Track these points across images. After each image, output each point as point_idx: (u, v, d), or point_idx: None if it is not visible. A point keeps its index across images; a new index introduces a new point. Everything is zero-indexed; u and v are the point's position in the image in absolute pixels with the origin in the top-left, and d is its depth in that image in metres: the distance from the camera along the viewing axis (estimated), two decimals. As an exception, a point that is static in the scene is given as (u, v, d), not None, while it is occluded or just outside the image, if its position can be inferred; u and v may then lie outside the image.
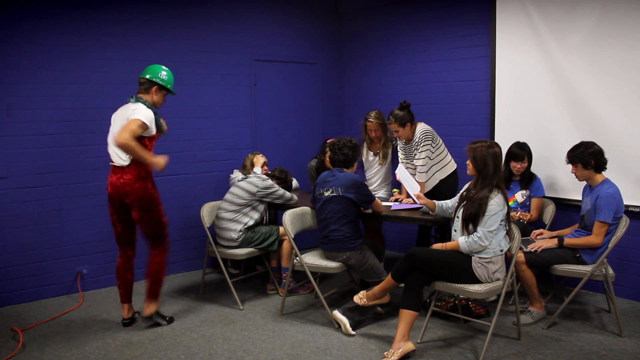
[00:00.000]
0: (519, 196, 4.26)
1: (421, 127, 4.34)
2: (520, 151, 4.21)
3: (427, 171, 4.36)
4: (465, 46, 5.07)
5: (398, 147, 4.59)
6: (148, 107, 3.70)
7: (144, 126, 3.60)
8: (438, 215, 3.82)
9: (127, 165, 3.68)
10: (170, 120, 5.00)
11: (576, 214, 4.07)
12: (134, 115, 3.58)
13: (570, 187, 4.32)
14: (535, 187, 4.27)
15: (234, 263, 5.09)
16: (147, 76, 3.78)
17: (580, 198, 3.98)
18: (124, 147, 3.52)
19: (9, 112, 4.22)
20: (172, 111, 5.00)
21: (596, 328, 3.72)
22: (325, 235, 3.90)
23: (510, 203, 4.20)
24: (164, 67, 3.85)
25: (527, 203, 4.27)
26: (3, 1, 4.13)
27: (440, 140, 4.43)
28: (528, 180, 4.29)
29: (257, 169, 4.61)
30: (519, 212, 4.17)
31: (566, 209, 4.42)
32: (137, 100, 3.72)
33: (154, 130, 3.74)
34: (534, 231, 4.01)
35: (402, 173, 4.11)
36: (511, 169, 4.25)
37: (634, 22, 4.00)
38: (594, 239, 3.61)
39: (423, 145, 4.29)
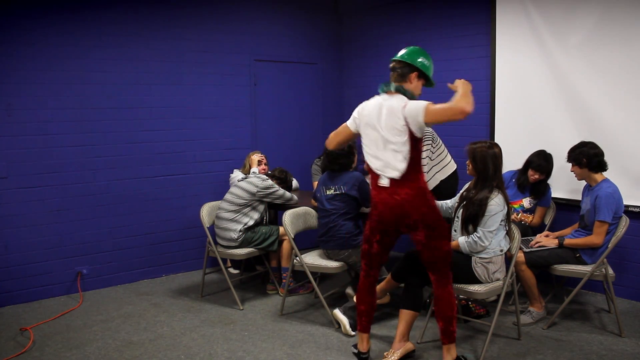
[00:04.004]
0: (526, 202, 4.24)
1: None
2: (545, 163, 4.10)
3: (427, 171, 4.36)
4: (465, 46, 5.07)
5: None
6: (414, 99, 2.87)
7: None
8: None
9: (403, 177, 2.86)
10: (170, 120, 5.02)
11: (576, 214, 4.07)
12: (414, 110, 2.75)
13: (570, 187, 4.32)
14: (546, 198, 4.24)
15: (234, 263, 5.10)
16: (405, 58, 2.99)
17: (579, 198, 3.99)
18: (465, 114, 2.63)
19: (9, 112, 4.22)
20: (172, 111, 5.01)
21: (596, 328, 3.72)
22: (326, 233, 3.90)
23: (515, 206, 4.21)
24: (423, 50, 3.07)
25: (533, 209, 4.25)
26: (3, 1, 4.13)
27: (440, 140, 4.43)
28: (542, 192, 4.21)
29: (254, 169, 4.62)
30: (520, 214, 4.17)
31: (566, 209, 4.42)
32: (398, 89, 2.90)
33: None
34: (538, 235, 3.97)
35: None
36: (528, 175, 4.17)
37: (634, 22, 4.00)
38: (594, 238, 3.61)
39: (423, 146, 4.28)
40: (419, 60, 2.96)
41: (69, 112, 4.48)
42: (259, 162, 4.82)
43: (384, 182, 2.87)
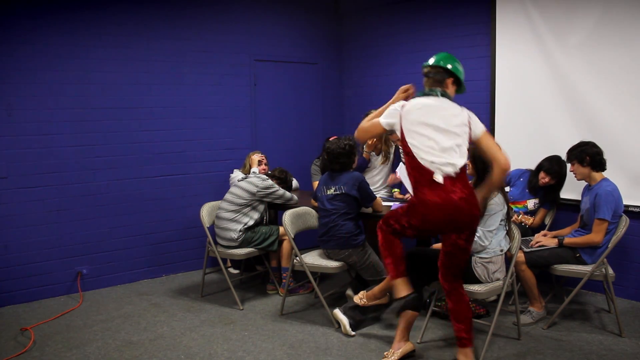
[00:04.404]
0: (531, 203, 4.22)
1: None
2: (557, 167, 4.04)
3: None
4: (465, 46, 5.07)
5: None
6: None
7: None
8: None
9: (457, 175, 2.84)
10: (170, 120, 5.03)
11: (576, 214, 4.07)
12: (477, 123, 2.91)
13: (570, 187, 4.32)
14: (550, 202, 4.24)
15: (234, 263, 5.10)
16: (441, 63, 2.96)
17: (579, 198, 3.98)
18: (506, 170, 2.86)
19: (9, 112, 4.22)
20: (172, 111, 5.01)
21: (596, 328, 3.72)
22: (327, 232, 3.90)
23: (519, 206, 4.20)
24: (454, 57, 3.06)
25: (535, 211, 4.24)
26: (3, 1, 4.13)
27: None
28: (555, 201, 4.19)
29: (255, 169, 4.62)
30: (521, 215, 4.17)
31: (566, 209, 4.42)
32: (443, 94, 2.93)
33: None
34: (536, 235, 3.97)
35: (403, 172, 4.10)
36: (539, 177, 4.12)
37: (634, 22, 4.00)
38: (594, 236, 3.61)
39: None
40: (454, 65, 2.98)
41: (69, 112, 4.48)
42: (259, 162, 4.83)
43: (439, 178, 2.80)
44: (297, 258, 3.95)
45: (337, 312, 3.71)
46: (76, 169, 4.53)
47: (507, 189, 4.20)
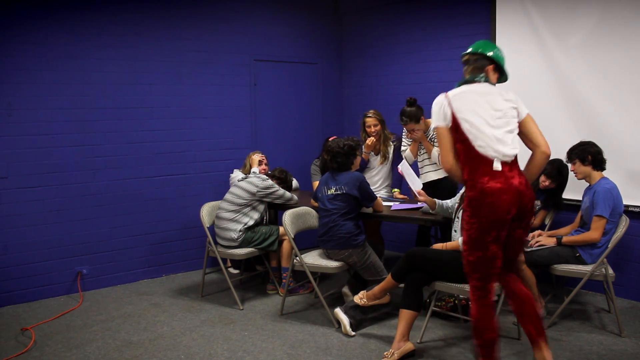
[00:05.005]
0: None
1: None
2: (556, 172, 4.00)
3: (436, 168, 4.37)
4: (465, 46, 5.01)
5: (403, 145, 4.57)
6: None
7: None
8: (438, 214, 3.83)
9: (513, 162, 2.75)
10: (170, 120, 5.03)
11: (575, 215, 4.07)
12: (523, 106, 2.84)
13: (570, 187, 4.31)
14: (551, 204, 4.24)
15: (234, 263, 5.10)
16: (481, 50, 2.90)
17: (579, 198, 3.98)
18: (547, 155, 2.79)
19: (9, 112, 4.22)
20: (172, 111, 5.01)
21: (596, 328, 3.72)
22: (327, 232, 3.90)
23: None
24: (493, 44, 3.03)
25: (535, 212, 4.24)
26: (3, 1, 4.13)
27: None
28: (557, 205, 4.19)
29: (255, 169, 4.62)
30: None
31: (567, 209, 4.42)
32: (486, 80, 2.85)
33: None
34: (531, 233, 3.97)
35: (405, 168, 4.09)
36: (539, 180, 4.08)
37: (634, 22, 4.00)
38: (592, 234, 3.61)
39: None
40: (495, 52, 2.88)
41: (69, 112, 4.48)
42: (260, 162, 4.82)
43: (498, 165, 2.69)
44: (297, 258, 3.95)
45: (338, 312, 3.70)
46: (76, 169, 4.53)
47: None
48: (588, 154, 3.68)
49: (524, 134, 2.81)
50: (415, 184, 3.96)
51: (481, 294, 2.73)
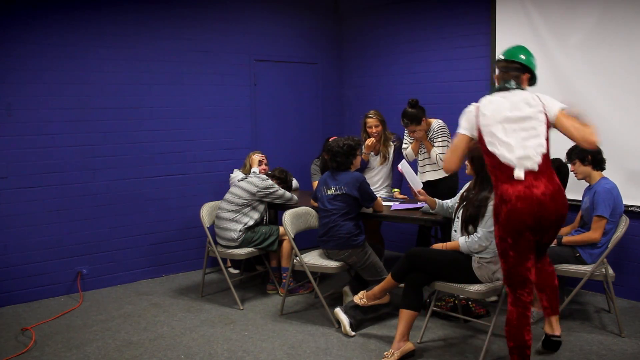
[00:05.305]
0: None
1: (438, 122, 4.37)
2: (555, 171, 3.98)
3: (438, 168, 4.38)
4: (465, 46, 5.07)
5: (404, 142, 4.57)
6: None
7: None
8: (438, 214, 3.83)
9: (539, 170, 2.71)
10: (170, 120, 5.03)
11: (575, 215, 4.07)
12: (552, 105, 2.78)
13: (570, 187, 4.31)
14: None
15: (234, 263, 5.10)
16: (522, 57, 2.90)
17: (578, 198, 3.98)
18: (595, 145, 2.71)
19: (9, 112, 4.22)
20: (172, 111, 5.01)
21: (596, 328, 3.72)
22: (327, 233, 3.90)
23: None
24: (527, 48, 3.01)
25: None
26: (3, 1, 4.13)
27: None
28: None
29: (255, 169, 4.62)
30: None
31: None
32: (517, 86, 2.86)
33: None
34: None
35: (405, 168, 4.08)
36: None
37: (634, 22, 4.00)
38: (592, 234, 3.62)
39: (441, 136, 4.30)
40: (529, 59, 2.91)
41: (69, 112, 4.48)
42: (260, 162, 4.82)
43: (520, 174, 2.69)
44: (297, 258, 3.95)
45: (338, 311, 3.70)
46: (76, 169, 4.53)
47: None
48: (588, 154, 3.69)
49: (562, 133, 2.79)
50: (416, 183, 3.95)
51: (512, 299, 2.83)
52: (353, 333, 3.63)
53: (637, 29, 3.99)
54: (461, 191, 3.54)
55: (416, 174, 4.27)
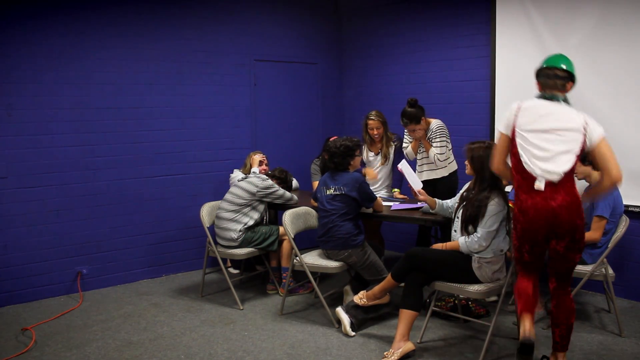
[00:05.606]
0: None
1: (437, 122, 4.37)
2: None
3: (445, 160, 4.37)
4: (465, 46, 5.07)
5: (404, 142, 4.57)
6: None
7: None
8: (438, 214, 3.83)
9: (560, 182, 2.75)
10: (170, 120, 5.03)
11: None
12: (595, 130, 2.77)
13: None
14: None
15: (234, 263, 5.10)
16: (564, 66, 2.88)
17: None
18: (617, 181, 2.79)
19: (9, 112, 4.22)
20: (172, 111, 5.01)
21: (596, 328, 3.72)
22: (326, 233, 3.90)
23: None
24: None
25: None
26: (3, 1, 4.13)
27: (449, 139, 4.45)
28: None
29: (255, 169, 4.62)
30: None
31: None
32: (565, 100, 2.86)
33: None
34: None
35: (405, 167, 4.09)
36: None
37: (634, 23, 4.00)
38: (592, 234, 3.62)
39: (440, 136, 4.30)
40: (574, 69, 2.91)
41: (69, 112, 4.48)
42: (260, 162, 4.82)
43: (540, 184, 2.74)
44: (297, 258, 3.95)
45: (339, 311, 3.70)
46: (76, 169, 4.53)
47: (507, 189, 4.20)
48: (588, 154, 3.68)
49: (596, 158, 2.80)
50: (416, 183, 3.96)
51: (521, 274, 2.97)
52: (353, 333, 3.63)
53: (637, 29, 3.99)
54: (461, 191, 3.54)
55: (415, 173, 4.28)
